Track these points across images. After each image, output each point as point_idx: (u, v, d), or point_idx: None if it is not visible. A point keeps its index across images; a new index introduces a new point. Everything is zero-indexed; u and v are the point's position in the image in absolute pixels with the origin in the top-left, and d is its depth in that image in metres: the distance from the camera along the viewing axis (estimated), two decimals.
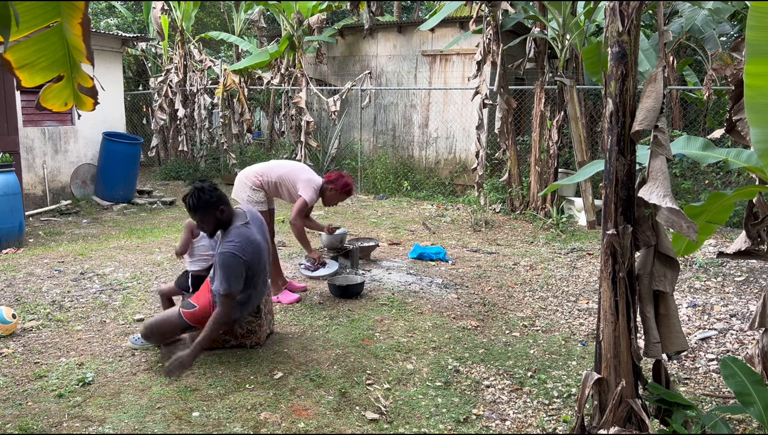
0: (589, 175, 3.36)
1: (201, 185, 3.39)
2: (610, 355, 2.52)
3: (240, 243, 3.33)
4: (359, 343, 3.87)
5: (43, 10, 2.12)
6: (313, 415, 2.95)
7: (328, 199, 4.76)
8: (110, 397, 3.10)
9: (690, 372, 3.63)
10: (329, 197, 4.75)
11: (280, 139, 13.23)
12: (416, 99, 11.54)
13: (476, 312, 4.63)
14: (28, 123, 9.11)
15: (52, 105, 2.37)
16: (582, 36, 8.10)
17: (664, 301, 2.59)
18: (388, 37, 11.75)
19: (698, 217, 3.00)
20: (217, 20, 19.02)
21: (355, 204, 9.99)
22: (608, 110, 2.51)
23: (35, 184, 9.35)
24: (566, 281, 5.53)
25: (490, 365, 3.63)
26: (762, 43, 2.13)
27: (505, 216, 8.86)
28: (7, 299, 4.67)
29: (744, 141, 2.83)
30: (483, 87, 8.65)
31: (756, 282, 5.30)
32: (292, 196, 4.67)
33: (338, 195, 4.74)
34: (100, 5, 17.98)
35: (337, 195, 4.74)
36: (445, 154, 11.34)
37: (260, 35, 14.26)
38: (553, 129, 8.45)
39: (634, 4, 2.43)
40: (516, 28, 9.90)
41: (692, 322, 4.45)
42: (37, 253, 6.34)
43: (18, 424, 2.80)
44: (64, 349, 3.74)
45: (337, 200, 4.79)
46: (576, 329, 4.32)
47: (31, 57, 2.21)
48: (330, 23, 13.05)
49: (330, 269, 4.97)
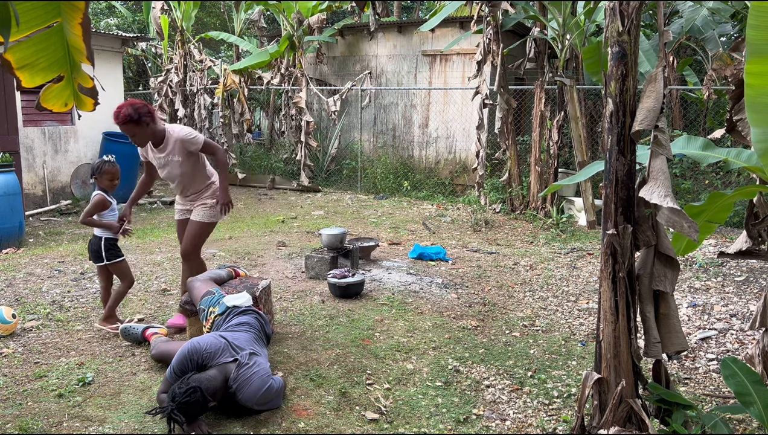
0: (589, 175, 3.36)
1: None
2: (610, 355, 2.52)
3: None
4: (359, 343, 3.87)
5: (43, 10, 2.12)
6: (313, 415, 2.95)
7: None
8: (110, 397, 3.10)
9: (690, 372, 3.63)
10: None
11: (280, 139, 13.23)
12: (416, 99, 11.54)
13: (476, 312, 4.63)
14: (28, 123, 9.11)
15: (52, 105, 2.37)
16: (582, 36, 8.10)
17: (664, 301, 2.59)
18: (388, 37, 11.74)
19: (698, 217, 3.00)
20: (217, 20, 19.01)
21: (355, 204, 9.99)
22: (608, 110, 2.51)
23: (35, 184, 9.35)
24: (566, 281, 5.53)
25: (490, 365, 3.63)
26: (762, 42, 2.12)
27: (505, 216, 8.86)
28: (7, 299, 4.67)
29: (744, 141, 2.83)
30: (483, 87, 8.65)
31: (756, 282, 5.30)
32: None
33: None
34: (100, 5, 17.98)
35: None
36: (445, 154, 11.33)
37: (260, 35, 14.26)
38: (553, 129, 8.45)
39: (634, 4, 2.43)
40: (516, 28, 9.90)
41: (692, 322, 4.45)
42: (37, 253, 6.34)
43: (18, 424, 2.80)
44: (64, 349, 3.74)
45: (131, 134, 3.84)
46: (576, 329, 4.32)
47: (32, 57, 2.21)
48: (330, 23, 13.05)
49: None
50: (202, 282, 3.79)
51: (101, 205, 3.93)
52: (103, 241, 3.98)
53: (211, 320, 3.45)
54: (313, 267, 5.41)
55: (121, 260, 4.06)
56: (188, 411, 2.68)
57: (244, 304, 3.50)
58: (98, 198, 3.93)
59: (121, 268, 4.08)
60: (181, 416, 2.65)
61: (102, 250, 3.98)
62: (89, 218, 3.94)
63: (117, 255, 4.05)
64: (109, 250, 4.00)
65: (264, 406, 2.94)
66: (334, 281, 4.82)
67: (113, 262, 4.03)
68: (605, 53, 2.54)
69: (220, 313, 3.44)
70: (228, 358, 2.96)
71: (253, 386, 2.88)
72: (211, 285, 3.75)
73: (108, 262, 4.01)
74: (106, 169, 3.92)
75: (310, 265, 5.43)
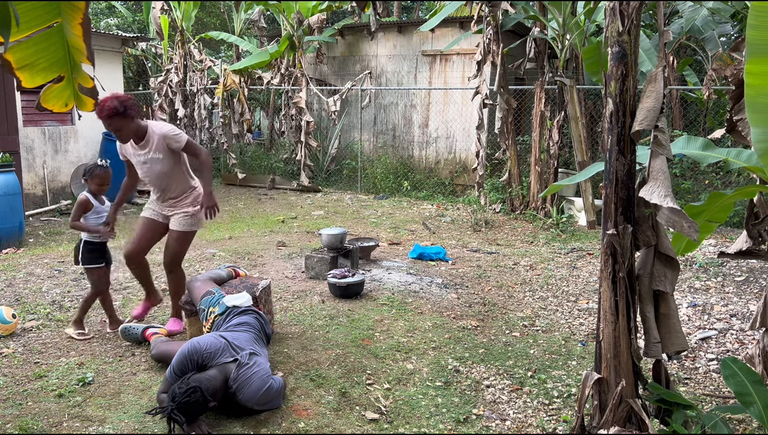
0: (589, 175, 3.36)
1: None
2: (610, 355, 2.52)
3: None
4: (359, 343, 3.87)
5: (43, 10, 2.12)
6: (313, 415, 2.95)
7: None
8: (110, 397, 3.10)
9: (690, 372, 3.63)
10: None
11: (280, 139, 13.23)
12: (416, 99, 11.54)
13: (476, 312, 4.63)
14: (29, 123, 9.11)
15: (52, 105, 2.37)
16: (582, 36, 8.10)
17: (664, 301, 2.59)
18: (388, 37, 11.74)
19: (698, 217, 3.00)
20: (217, 20, 19.01)
21: (355, 204, 9.99)
22: (608, 110, 2.51)
23: (35, 184, 9.35)
24: (566, 281, 5.53)
25: (490, 365, 3.63)
26: (762, 42, 2.12)
27: (505, 216, 8.86)
28: (7, 299, 4.67)
29: (744, 141, 2.83)
30: (483, 87, 8.65)
31: (756, 282, 5.30)
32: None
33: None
34: (100, 5, 17.98)
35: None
36: (445, 154, 11.33)
37: (260, 35, 14.26)
38: (554, 129, 8.45)
39: (634, 4, 2.43)
40: (516, 28, 9.90)
41: (692, 322, 4.45)
42: (37, 253, 6.34)
43: (18, 424, 2.80)
44: (64, 349, 3.74)
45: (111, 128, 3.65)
46: (576, 329, 4.32)
47: (32, 57, 2.21)
48: (330, 23, 13.06)
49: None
50: (202, 282, 3.79)
51: (83, 206, 3.88)
52: (83, 244, 3.93)
53: (211, 320, 3.45)
54: (313, 267, 5.41)
55: (97, 267, 3.97)
56: (188, 411, 2.69)
57: (244, 304, 3.50)
58: (80, 199, 3.89)
59: (93, 275, 3.98)
60: (181, 416, 2.65)
61: (79, 252, 3.94)
62: (75, 222, 3.90)
63: (93, 260, 3.95)
64: (87, 254, 3.93)
65: (264, 406, 2.94)
66: (334, 281, 4.82)
67: (88, 266, 3.96)
68: (605, 53, 2.54)
69: (220, 313, 3.44)
70: (228, 358, 2.96)
71: (253, 386, 2.88)
72: (211, 285, 3.75)
73: (83, 265, 3.95)
74: (96, 173, 3.89)
75: (310, 265, 5.43)
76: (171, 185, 3.90)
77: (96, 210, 3.94)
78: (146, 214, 4.03)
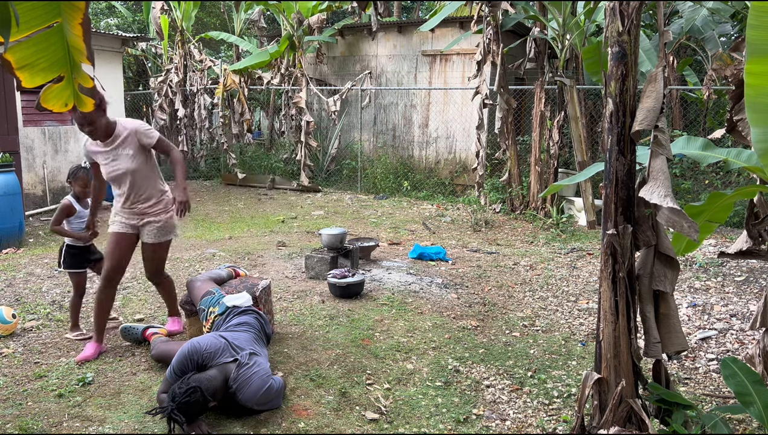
0: (589, 175, 3.36)
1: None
2: (610, 355, 2.52)
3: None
4: (359, 343, 3.87)
5: (43, 10, 2.12)
6: (313, 415, 2.95)
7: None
8: (110, 397, 3.10)
9: (690, 372, 3.63)
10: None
11: (280, 139, 13.23)
12: (416, 99, 11.54)
13: (476, 312, 4.63)
14: (28, 123, 9.11)
15: (52, 105, 2.37)
16: (582, 36, 8.10)
17: (664, 301, 2.59)
18: (389, 37, 11.75)
19: (698, 217, 3.00)
20: (217, 20, 19.01)
21: (355, 204, 9.99)
22: (608, 110, 2.51)
23: (35, 184, 9.35)
24: (566, 281, 5.53)
25: (490, 365, 3.63)
26: (762, 42, 2.12)
27: (505, 216, 8.86)
28: (7, 299, 4.67)
29: (745, 141, 2.83)
30: (483, 87, 8.65)
31: (756, 282, 5.30)
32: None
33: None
34: (100, 5, 17.98)
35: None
36: (445, 154, 11.34)
37: (260, 35, 14.26)
38: (554, 129, 8.45)
39: (634, 4, 2.43)
40: (516, 28, 9.90)
41: (692, 322, 4.45)
42: (37, 253, 6.34)
43: (18, 424, 2.80)
44: (64, 349, 3.74)
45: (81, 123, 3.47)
46: (576, 329, 4.32)
47: (32, 57, 2.21)
48: (330, 23, 13.06)
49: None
50: (202, 282, 3.79)
51: (66, 210, 3.87)
52: (65, 248, 3.93)
53: (211, 320, 3.45)
54: (313, 267, 5.41)
55: (77, 272, 3.96)
56: (188, 411, 2.69)
57: (244, 304, 3.50)
58: (63, 204, 3.87)
59: (73, 279, 3.99)
60: (181, 416, 2.65)
61: (61, 256, 3.94)
62: (57, 227, 3.87)
63: (75, 265, 3.94)
64: (69, 258, 3.93)
65: (264, 406, 2.94)
66: (334, 281, 4.82)
67: (68, 271, 3.96)
68: (605, 53, 2.54)
69: (220, 313, 3.44)
70: (228, 358, 2.96)
71: (253, 386, 2.88)
72: (211, 285, 3.75)
73: (65, 269, 3.95)
74: (80, 175, 3.87)
75: (310, 265, 5.43)
76: (140, 186, 3.64)
77: (79, 214, 3.93)
78: (114, 228, 3.73)
